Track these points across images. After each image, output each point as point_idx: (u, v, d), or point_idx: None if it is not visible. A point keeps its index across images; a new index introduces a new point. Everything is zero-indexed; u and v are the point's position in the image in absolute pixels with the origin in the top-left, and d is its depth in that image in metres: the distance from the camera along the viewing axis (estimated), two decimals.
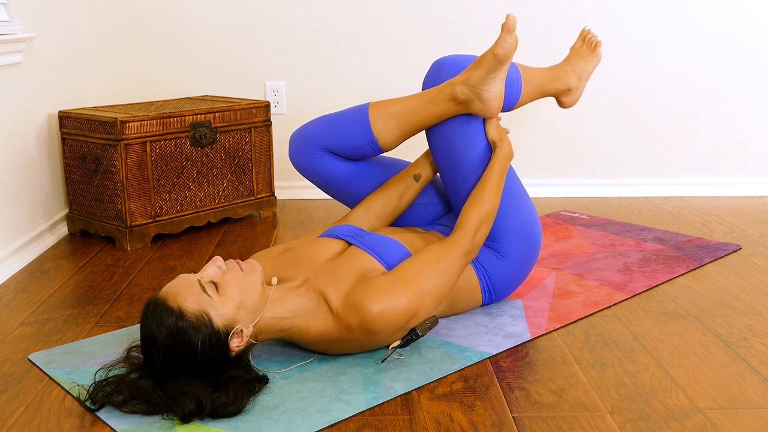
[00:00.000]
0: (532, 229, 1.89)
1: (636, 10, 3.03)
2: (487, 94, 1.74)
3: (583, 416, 1.44)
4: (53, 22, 2.70)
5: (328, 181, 1.92)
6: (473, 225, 1.73)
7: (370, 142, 1.84)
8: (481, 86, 1.73)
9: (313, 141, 1.87)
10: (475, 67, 1.74)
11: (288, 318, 1.57)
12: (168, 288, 1.46)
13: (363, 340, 1.58)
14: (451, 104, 1.77)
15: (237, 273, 1.51)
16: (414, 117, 1.81)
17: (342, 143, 1.86)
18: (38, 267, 2.33)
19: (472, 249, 1.72)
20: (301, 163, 1.90)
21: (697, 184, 3.15)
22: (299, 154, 1.90)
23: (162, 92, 3.09)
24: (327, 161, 1.88)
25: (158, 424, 1.41)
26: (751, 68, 3.08)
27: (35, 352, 1.73)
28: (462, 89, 1.75)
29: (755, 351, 1.70)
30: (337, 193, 1.96)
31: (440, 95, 1.78)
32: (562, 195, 3.14)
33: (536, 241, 1.90)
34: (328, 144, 1.86)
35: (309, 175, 1.92)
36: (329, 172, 1.90)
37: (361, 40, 3.06)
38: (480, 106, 1.76)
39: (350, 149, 1.86)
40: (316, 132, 1.87)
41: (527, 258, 1.89)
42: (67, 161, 2.62)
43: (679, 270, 2.21)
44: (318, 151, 1.88)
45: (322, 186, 1.95)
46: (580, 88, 2.05)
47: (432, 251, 1.68)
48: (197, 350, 1.42)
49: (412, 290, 1.59)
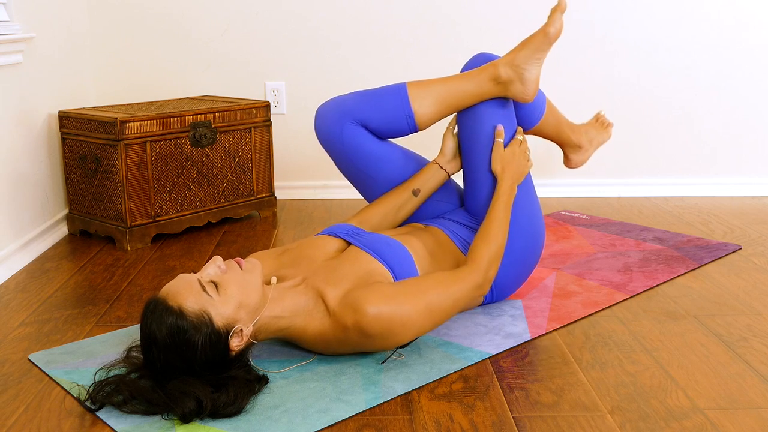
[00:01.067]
0: (535, 229, 1.89)
1: (636, 10, 3.03)
2: (529, 74, 1.81)
3: (583, 416, 1.44)
4: (53, 22, 2.70)
5: (352, 156, 1.87)
6: (485, 261, 1.71)
7: (408, 117, 1.83)
8: (525, 66, 1.80)
9: (348, 112, 1.84)
10: (520, 48, 1.82)
11: (286, 317, 1.57)
12: (168, 288, 1.46)
13: (358, 342, 1.58)
14: (491, 84, 1.82)
15: (237, 272, 1.51)
16: (452, 96, 1.84)
17: (378, 117, 1.84)
18: (38, 267, 2.33)
19: (483, 284, 1.70)
20: (331, 134, 1.85)
21: (697, 184, 3.15)
22: (331, 124, 1.84)
23: (162, 92, 3.09)
24: (358, 134, 1.85)
25: (158, 424, 1.41)
26: (751, 68, 3.08)
27: (35, 352, 1.73)
28: (505, 69, 1.81)
29: (755, 351, 1.70)
30: (357, 172, 1.91)
31: (482, 75, 1.82)
32: (562, 195, 3.14)
33: (539, 241, 1.91)
34: (364, 116, 1.84)
35: (335, 148, 1.86)
36: (357, 147, 1.85)
37: (362, 41, 3.06)
38: (520, 87, 1.82)
39: (386, 123, 1.84)
40: (352, 103, 1.85)
41: (529, 258, 1.89)
42: (67, 161, 2.62)
43: (679, 270, 2.21)
44: (351, 123, 1.84)
45: (343, 163, 1.90)
46: (589, 152, 2.19)
47: (444, 275, 1.66)
48: (197, 350, 1.42)
49: (413, 304, 1.57)
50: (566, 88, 3.08)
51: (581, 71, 3.08)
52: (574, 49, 3.06)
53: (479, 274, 1.69)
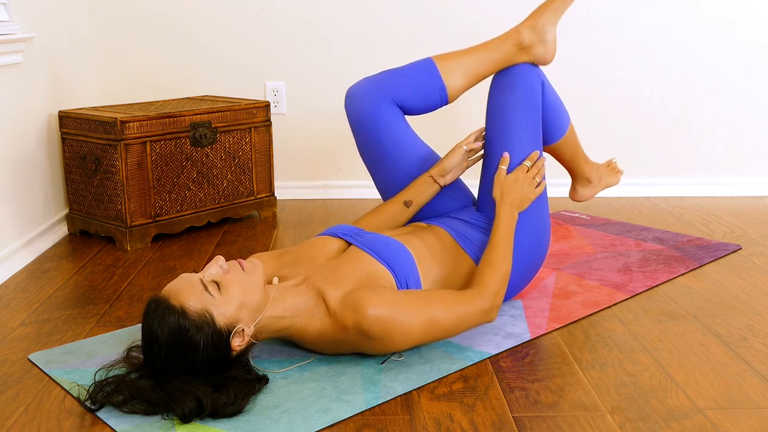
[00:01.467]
0: (541, 233, 1.89)
1: (636, 10, 3.03)
2: (549, 36, 1.94)
3: (583, 416, 1.44)
4: (53, 22, 2.70)
5: (383, 137, 1.90)
6: (492, 287, 1.69)
7: (440, 89, 1.90)
8: (547, 27, 1.93)
9: (384, 91, 1.88)
10: (541, 12, 1.95)
11: (288, 317, 1.57)
12: (170, 287, 1.46)
13: (357, 343, 1.58)
14: (515, 49, 1.94)
15: (239, 273, 1.51)
16: (480, 66, 1.94)
17: (413, 93, 1.90)
18: (38, 267, 2.33)
19: (490, 310, 1.68)
20: (367, 114, 1.88)
21: (697, 184, 3.15)
22: (369, 104, 1.88)
23: (162, 92, 3.09)
24: (395, 114, 1.89)
25: (158, 424, 1.41)
26: (751, 68, 3.08)
27: (35, 352, 1.73)
28: (528, 33, 1.93)
29: (755, 351, 1.70)
30: (382, 155, 1.93)
31: (506, 43, 1.94)
32: (562, 195, 3.14)
33: (543, 245, 1.91)
34: (400, 94, 1.89)
35: (369, 128, 1.89)
36: (391, 127, 1.89)
37: (362, 40, 3.06)
38: (542, 49, 1.94)
39: (420, 98, 1.90)
40: (387, 82, 1.90)
41: (531, 264, 1.90)
42: (67, 161, 2.62)
43: (679, 270, 2.21)
44: (388, 103, 1.88)
45: (370, 143, 1.92)
46: (596, 189, 2.28)
47: (452, 293, 1.65)
48: (199, 349, 1.42)
49: (416, 314, 1.56)
50: (566, 88, 3.08)
51: (581, 71, 3.08)
52: (574, 49, 3.06)
53: (486, 300, 1.67)
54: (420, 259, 1.75)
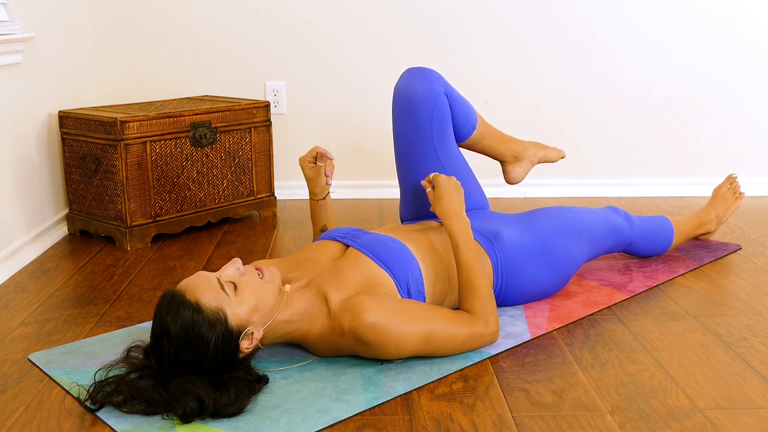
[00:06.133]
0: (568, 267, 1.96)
1: (636, 11, 3.03)
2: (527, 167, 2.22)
3: (583, 416, 1.44)
4: (53, 22, 2.70)
5: (439, 119, 1.98)
6: (481, 311, 1.67)
7: (472, 124, 2.07)
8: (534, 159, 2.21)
9: (445, 84, 2.01)
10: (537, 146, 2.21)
11: (294, 321, 1.59)
12: (186, 282, 1.47)
13: (353, 347, 1.58)
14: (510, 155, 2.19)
15: (255, 277, 1.52)
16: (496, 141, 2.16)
17: (459, 102, 2.03)
18: (38, 267, 2.33)
19: (484, 333, 1.66)
20: (429, 92, 1.97)
21: (697, 184, 3.15)
22: (432, 85, 1.97)
23: (162, 92, 3.09)
24: (443, 101, 1.99)
25: (158, 424, 1.41)
26: (750, 68, 3.08)
27: (35, 352, 1.73)
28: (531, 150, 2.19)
29: (755, 351, 1.70)
30: (424, 138, 2.00)
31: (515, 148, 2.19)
32: (562, 195, 3.14)
33: (568, 276, 1.97)
34: (453, 96, 2.02)
35: (423, 102, 1.98)
36: (444, 114, 1.99)
37: (362, 40, 3.06)
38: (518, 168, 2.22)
39: (460, 111, 2.03)
40: (447, 82, 2.03)
41: (550, 287, 1.95)
42: (67, 161, 2.62)
43: (679, 270, 2.21)
44: (442, 91, 1.99)
45: (416, 122, 1.99)
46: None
47: (454, 313, 1.65)
48: (209, 347, 1.43)
49: (414, 327, 1.56)
50: (566, 88, 3.08)
51: (581, 71, 3.08)
52: (574, 49, 3.06)
53: (480, 325, 1.66)
54: (422, 257, 1.75)
